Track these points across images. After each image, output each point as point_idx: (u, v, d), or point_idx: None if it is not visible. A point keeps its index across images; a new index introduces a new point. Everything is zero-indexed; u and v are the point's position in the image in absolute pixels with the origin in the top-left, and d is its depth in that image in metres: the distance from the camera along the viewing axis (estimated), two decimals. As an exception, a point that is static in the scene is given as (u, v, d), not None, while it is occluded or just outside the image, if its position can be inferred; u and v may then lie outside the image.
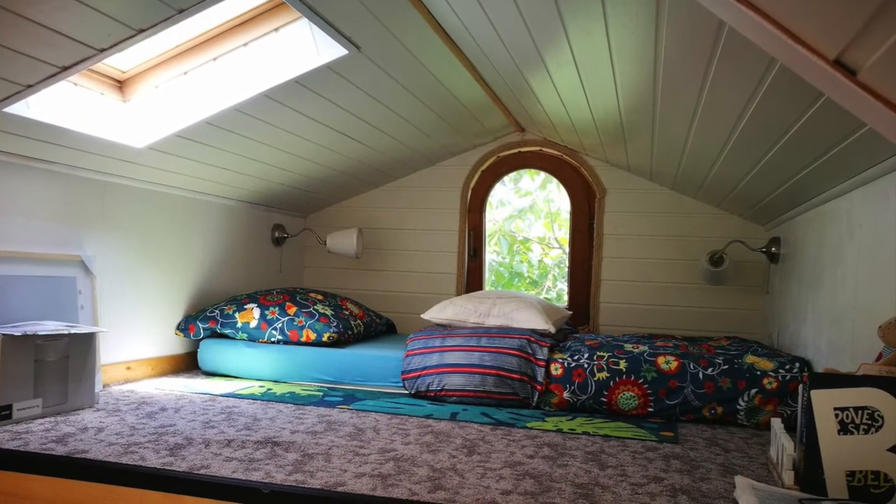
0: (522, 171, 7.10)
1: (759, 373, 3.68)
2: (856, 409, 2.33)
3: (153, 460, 2.64)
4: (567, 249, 6.01)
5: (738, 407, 3.65)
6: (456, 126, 5.27)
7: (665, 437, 3.33)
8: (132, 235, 4.38)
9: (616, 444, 3.17)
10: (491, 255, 8.60)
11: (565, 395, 3.89)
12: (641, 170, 5.40)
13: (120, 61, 3.80)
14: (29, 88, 3.10)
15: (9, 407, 3.18)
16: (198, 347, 4.75)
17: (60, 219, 3.91)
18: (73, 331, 3.48)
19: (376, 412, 3.68)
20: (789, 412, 3.58)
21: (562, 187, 5.97)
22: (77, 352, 3.50)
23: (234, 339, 4.67)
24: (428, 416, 3.63)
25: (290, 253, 6.24)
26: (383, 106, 4.45)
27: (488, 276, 6.44)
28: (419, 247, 6.13)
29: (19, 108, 3.26)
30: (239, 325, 4.62)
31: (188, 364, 4.90)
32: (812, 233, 4.04)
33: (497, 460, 2.82)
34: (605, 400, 3.83)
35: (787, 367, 3.69)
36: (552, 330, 4.32)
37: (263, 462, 2.67)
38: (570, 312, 5.27)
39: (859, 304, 3.20)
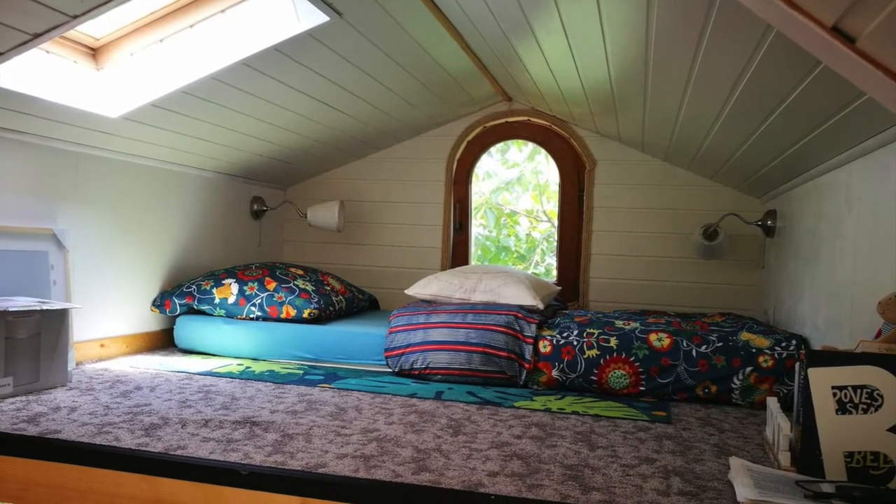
0: (510, 142, 7.09)
1: (754, 350, 3.67)
2: (854, 387, 2.32)
3: (128, 441, 2.63)
4: (556, 223, 6.01)
5: (733, 386, 3.65)
6: (441, 95, 5.23)
7: (657, 417, 3.32)
8: (106, 208, 4.35)
9: (606, 424, 3.17)
10: (477, 228, 8.60)
11: (554, 373, 3.88)
12: (633, 140, 5.38)
13: (93, 28, 3.74)
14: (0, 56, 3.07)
15: (-23, 386, 3.17)
16: (174, 324, 4.72)
17: (32, 191, 3.87)
18: (45, 307, 3.44)
19: (359, 391, 3.67)
20: (786, 391, 3.57)
21: (550, 158, 5.96)
22: (49, 329, 3.47)
23: (211, 315, 4.65)
24: (412, 395, 3.62)
25: (270, 226, 6.21)
26: (366, 74, 4.42)
27: (474, 251, 6.43)
28: (403, 220, 6.11)
29: (-11, 76, 3.23)
30: (216, 300, 4.59)
31: (164, 341, 4.88)
32: (809, 206, 4.04)
33: (483, 441, 2.81)
34: (595, 378, 3.82)
35: (784, 344, 3.68)
36: (540, 306, 4.31)
37: (242, 443, 2.66)
38: (559, 288, 5.25)
39: (858, 279, 3.19)
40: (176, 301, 4.64)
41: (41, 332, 3.44)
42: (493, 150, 6.64)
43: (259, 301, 4.56)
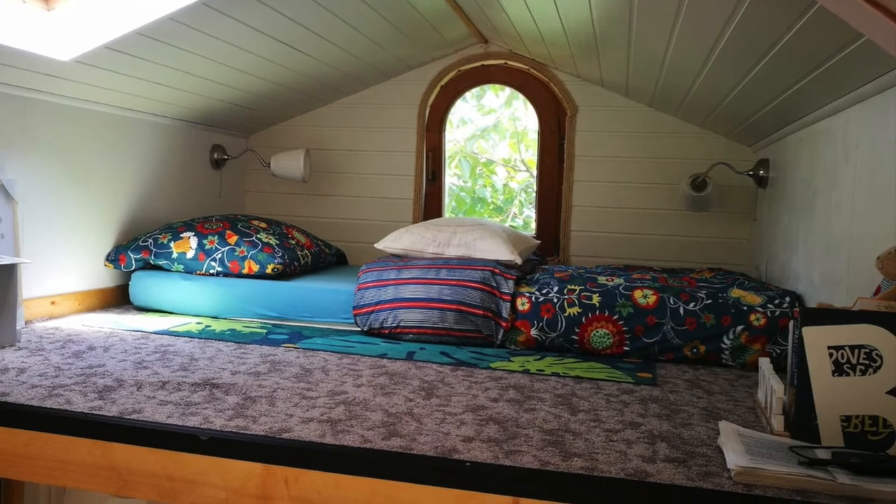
0: (486, 87, 7.09)
1: (745, 308, 3.66)
2: (852, 347, 2.31)
3: (80, 404, 2.62)
4: (535, 173, 5.99)
5: (723, 345, 3.64)
6: (412, 37, 5.18)
7: (642, 379, 3.32)
8: (57, 157, 4.29)
9: (588, 387, 3.16)
10: (451, 178, 8.56)
11: (533, 332, 3.87)
12: (616, 85, 5.35)
13: (43, -35, 3.68)
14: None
15: (-85, 347, 3.13)
16: (129, 280, 4.68)
17: (-26, 138, 3.81)
18: (-11, 262, 3.41)
19: (325, 351, 3.66)
20: (779, 351, 3.56)
21: (529, 104, 5.93)
22: (-5, 285, 3.44)
23: (169, 270, 4.61)
24: (382, 356, 3.61)
25: (231, 176, 6.16)
26: (332, 14, 4.35)
27: (448, 202, 6.42)
28: (372, 170, 6.08)
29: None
30: (174, 255, 4.55)
31: (119, 298, 4.84)
32: (804, 154, 4.02)
33: (458, 404, 2.81)
34: (576, 338, 3.81)
35: (777, 301, 3.67)
36: (518, 261, 4.30)
37: (201, 406, 2.65)
38: (539, 242, 5.24)
39: (855, 232, 3.18)
40: (131, 256, 4.59)
41: (-14, 288, 3.40)
42: (467, 95, 6.61)
43: (219, 256, 4.53)
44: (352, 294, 4.22)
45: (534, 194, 6.15)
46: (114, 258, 4.62)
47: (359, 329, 4.17)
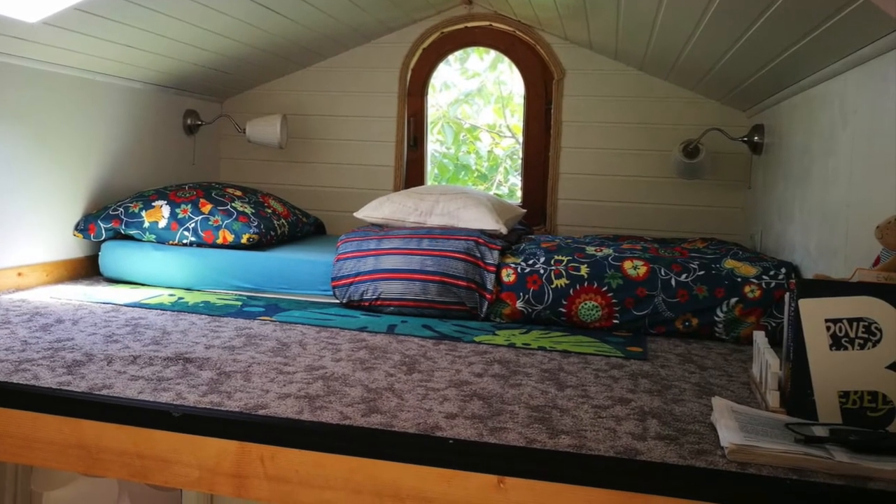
0: (470, 50, 7.08)
1: (739, 279, 3.66)
2: (850, 320, 2.31)
3: (48, 379, 2.61)
4: (520, 139, 5.99)
5: (716, 318, 3.64)
6: (394, -3, 5.14)
7: (632, 353, 3.32)
8: (24, 123, 4.25)
9: (576, 361, 3.16)
10: (434, 144, 8.54)
11: (518, 304, 3.86)
12: (605, 48, 5.33)
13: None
14: None
15: None
16: (99, 251, 4.66)
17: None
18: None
19: (303, 324, 3.65)
20: (774, 324, 3.56)
21: (514, 68, 5.91)
22: (-43, 256, 3.42)
23: (140, 241, 4.59)
24: (362, 329, 3.60)
25: (205, 143, 6.12)
26: (310, -28, 4.32)
27: (431, 169, 6.40)
28: (352, 136, 6.05)
29: None
30: (146, 224, 4.53)
31: (88, 269, 4.81)
32: (800, 120, 4.02)
33: (441, 379, 2.80)
34: (563, 310, 3.80)
35: (772, 272, 3.67)
36: (504, 230, 4.29)
37: (174, 381, 2.65)
38: (525, 211, 5.24)
39: (854, 200, 3.18)
40: (101, 225, 4.57)
41: (-52, 259, 3.38)
42: (451, 58, 6.58)
43: (193, 225, 4.50)
44: (330, 265, 4.20)
45: (519, 161, 6.15)
46: (83, 228, 4.60)
47: (337, 301, 4.15)
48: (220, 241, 4.47)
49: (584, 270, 3.81)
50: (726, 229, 5.38)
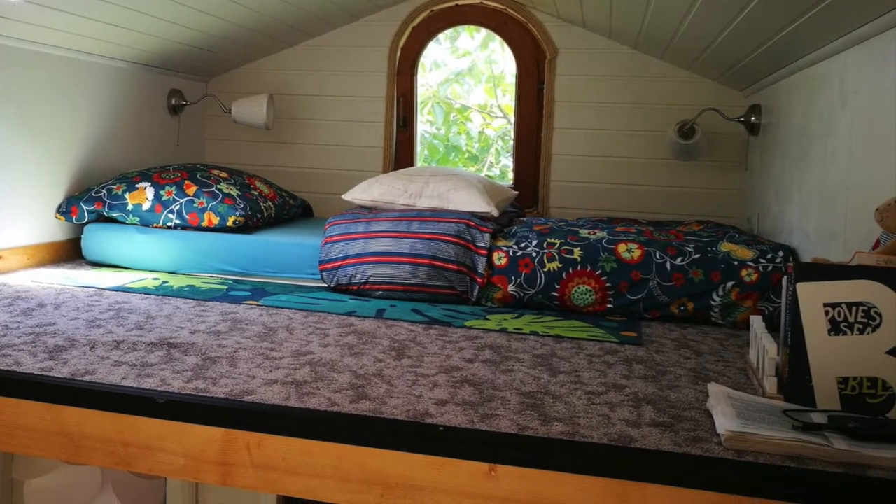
0: (460, 28, 7.06)
1: (736, 263, 3.65)
2: (849, 305, 2.30)
3: (29, 364, 2.61)
4: (512, 119, 5.98)
5: (712, 303, 3.64)
6: (383, -27, 5.12)
7: (626, 338, 3.32)
8: (5, 103, 4.22)
9: (569, 346, 3.16)
10: (424, 125, 8.54)
11: (510, 288, 3.85)
12: (599, 26, 5.32)
13: None
14: None
15: None
16: (82, 233, 4.64)
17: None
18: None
19: (289, 309, 3.65)
20: (772, 309, 3.56)
21: (506, 46, 5.90)
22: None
23: (123, 223, 4.57)
24: (350, 314, 3.59)
25: (190, 123, 6.10)
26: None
27: (420, 150, 6.41)
28: (340, 116, 6.04)
29: None
30: (129, 207, 4.51)
31: (71, 252, 4.79)
32: (798, 99, 4.02)
33: (431, 365, 2.80)
34: (556, 295, 3.80)
35: (770, 256, 3.67)
36: (495, 213, 4.28)
37: (158, 367, 2.64)
38: (517, 192, 5.22)
39: (853, 182, 3.18)
40: (84, 207, 4.55)
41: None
42: (441, 37, 6.58)
43: (177, 207, 4.48)
44: (318, 248, 4.19)
45: (511, 142, 6.14)
46: (65, 210, 4.58)
47: (325, 285, 4.14)
48: (205, 223, 4.45)
49: (577, 254, 3.80)
50: (722, 212, 5.38)
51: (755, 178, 4.94)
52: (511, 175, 5.97)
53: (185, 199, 4.51)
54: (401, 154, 6.03)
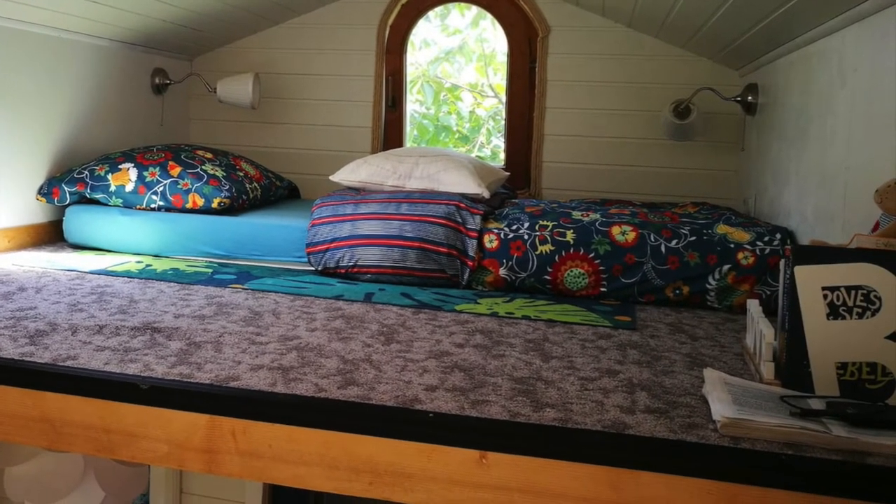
0: (450, 5, 7.01)
1: (732, 245, 3.65)
2: (848, 288, 2.30)
3: (10, 350, 2.61)
4: (504, 99, 5.97)
5: (708, 286, 3.63)
6: (372, -52, 5.09)
7: (620, 323, 3.31)
8: (-17, 82, 4.21)
9: (562, 331, 3.16)
10: (413, 105, 8.54)
11: (501, 272, 3.85)
12: (592, 3, 5.31)
13: None
14: None
15: None
16: (63, 215, 4.62)
17: None
18: None
19: (276, 292, 3.64)
20: (769, 293, 3.56)
21: (497, 24, 5.87)
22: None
23: (106, 205, 4.55)
24: (338, 298, 3.59)
25: (174, 103, 6.08)
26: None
27: (410, 131, 6.41)
28: (327, 96, 6.02)
29: None
30: (112, 188, 4.49)
31: (52, 235, 4.76)
32: (796, 78, 4.01)
33: (420, 350, 2.80)
34: (548, 278, 3.79)
35: (767, 238, 3.66)
36: (486, 194, 4.27)
37: (142, 352, 2.64)
38: (508, 174, 5.22)
39: (852, 163, 3.17)
40: (65, 189, 4.53)
41: None
42: (431, 14, 6.57)
43: (161, 189, 4.47)
44: (305, 230, 4.17)
45: (502, 122, 6.13)
46: (46, 191, 4.56)
47: (312, 268, 4.13)
48: (189, 205, 4.44)
49: (569, 236, 3.80)
50: (719, 193, 5.37)
51: (752, 158, 4.94)
52: (502, 156, 5.96)
53: (169, 181, 4.49)
54: (390, 134, 6.02)
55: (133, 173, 4.52)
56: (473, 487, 2.12)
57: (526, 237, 3.83)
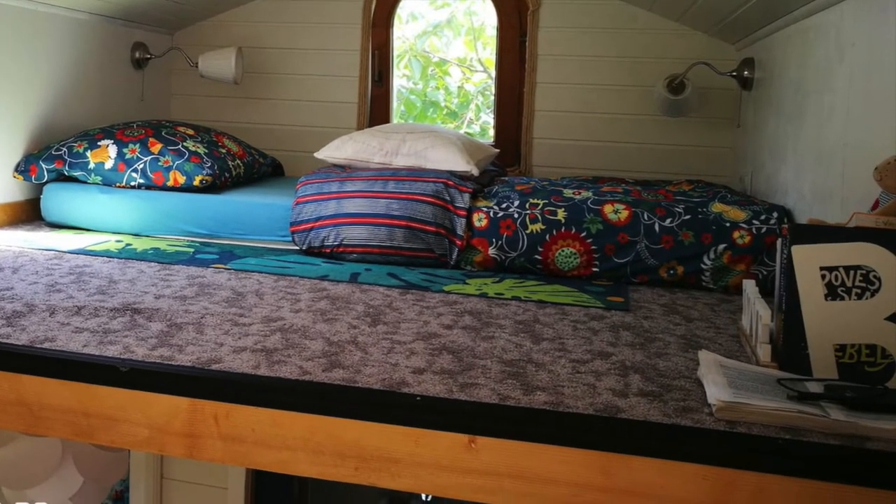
0: (439, -22, 7.02)
1: (728, 224, 3.65)
2: (847, 268, 2.29)
3: None
4: (493, 73, 5.96)
5: (703, 266, 3.63)
6: (358, -82, 5.07)
7: (613, 304, 3.31)
8: (-43, 56, 4.18)
9: (553, 312, 3.15)
10: (400, 80, 8.49)
11: (491, 251, 3.84)
12: (585, -25, 5.27)
13: None
14: None
15: None
16: (41, 193, 4.61)
17: None
18: None
19: (259, 272, 3.63)
20: (765, 273, 3.55)
21: (487, -3, 5.85)
22: None
23: (85, 183, 4.53)
24: (323, 278, 3.59)
25: (154, 78, 6.05)
26: None
27: (397, 107, 6.38)
28: (312, 70, 6.01)
29: None
30: (91, 165, 4.47)
31: (29, 213, 4.75)
32: (793, 53, 4.00)
33: (407, 331, 2.79)
34: (539, 258, 3.79)
35: (763, 217, 3.66)
36: (475, 172, 4.26)
37: (121, 334, 2.63)
38: (497, 151, 5.21)
39: (851, 139, 3.17)
40: (43, 166, 4.51)
41: None
42: (419, -14, 6.55)
43: (141, 166, 4.45)
44: (289, 209, 4.16)
45: (492, 98, 6.12)
46: (23, 169, 4.54)
47: (297, 248, 4.12)
48: (170, 183, 4.42)
49: (561, 215, 3.79)
50: (714, 170, 5.37)
51: (748, 135, 4.93)
52: (492, 132, 5.96)
53: (149, 158, 4.47)
54: (376, 110, 6.00)
55: (112, 150, 4.50)
56: (462, 473, 2.11)
57: (516, 216, 3.82)
